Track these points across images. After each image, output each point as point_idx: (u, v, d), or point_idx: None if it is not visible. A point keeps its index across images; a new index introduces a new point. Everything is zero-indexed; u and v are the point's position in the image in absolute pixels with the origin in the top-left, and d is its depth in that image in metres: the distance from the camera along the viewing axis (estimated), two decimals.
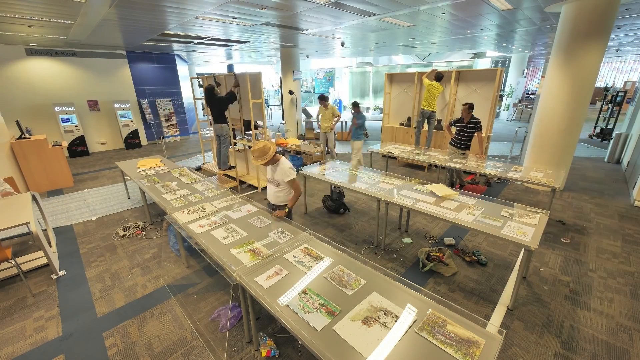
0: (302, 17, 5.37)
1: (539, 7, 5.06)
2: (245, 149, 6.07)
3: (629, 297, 2.82)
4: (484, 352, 1.44)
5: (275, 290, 1.89)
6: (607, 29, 4.41)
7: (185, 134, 11.12)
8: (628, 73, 17.81)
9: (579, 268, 3.25)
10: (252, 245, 2.42)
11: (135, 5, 4.33)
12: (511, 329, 2.48)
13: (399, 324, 1.61)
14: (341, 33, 7.23)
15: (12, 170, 5.33)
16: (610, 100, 9.26)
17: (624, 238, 3.82)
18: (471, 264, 3.34)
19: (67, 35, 6.30)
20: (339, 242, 3.83)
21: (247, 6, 4.53)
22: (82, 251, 3.78)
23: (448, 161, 4.80)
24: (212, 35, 7.01)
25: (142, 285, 3.11)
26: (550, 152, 5.09)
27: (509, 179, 4.10)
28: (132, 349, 2.35)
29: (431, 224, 4.28)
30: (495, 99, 5.83)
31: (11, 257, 2.89)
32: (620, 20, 6.27)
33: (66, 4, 4.12)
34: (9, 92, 7.62)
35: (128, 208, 5.01)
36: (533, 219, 2.78)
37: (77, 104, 8.61)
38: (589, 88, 4.72)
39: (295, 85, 10.09)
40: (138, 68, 9.69)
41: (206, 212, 3.03)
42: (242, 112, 5.67)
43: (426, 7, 4.88)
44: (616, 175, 6.11)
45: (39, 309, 2.81)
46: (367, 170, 4.46)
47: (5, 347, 2.41)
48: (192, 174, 4.34)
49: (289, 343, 2.36)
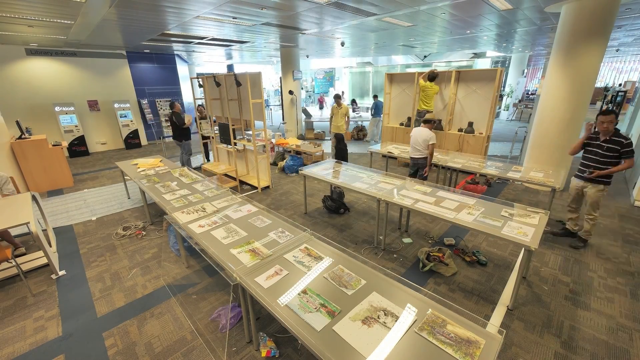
0: (302, 17, 5.37)
1: (539, 7, 5.06)
2: (245, 149, 6.07)
3: (629, 297, 2.82)
4: (484, 352, 1.44)
5: (275, 290, 1.89)
6: (607, 29, 4.40)
7: None
8: (628, 73, 17.81)
9: (579, 268, 3.25)
10: (252, 245, 2.42)
11: (135, 5, 4.34)
12: (511, 329, 2.48)
13: (399, 324, 1.61)
14: (341, 33, 7.23)
15: (12, 170, 5.33)
16: (610, 100, 9.27)
17: (624, 238, 3.82)
18: (471, 264, 3.34)
19: (67, 35, 6.30)
20: (339, 242, 3.83)
21: (247, 6, 4.53)
22: (82, 251, 3.78)
23: (448, 161, 4.80)
24: (212, 35, 7.01)
25: (142, 285, 3.11)
26: (550, 152, 5.09)
27: (509, 179, 4.10)
28: (132, 349, 2.35)
29: (431, 224, 4.28)
30: (495, 99, 5.83)
31: (11, 257, 2.89)
32: (620, 20, 6.28)
33: (66, 4, 4.12)
34: (9, 92, 7.62)
35: (128, 208, 5.01)
36: (533, 219, 2.78)
37: (77, 104, 8.61)
38: (589, 88, 4.72)
39: (295, 85, 10.10)
40: (138, 68, 9.69)
41: (206, 212, 3.03)
42: (242, 112, 5.67)
43: (426, 7, 4.88)
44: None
45: (39, 309, 2.81)
46: (367, 170, 4.46)
47: (5, 347, 2.41)
48: (192, 174, 4.34)
49: (289, 343, 2.35)
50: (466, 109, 6.31)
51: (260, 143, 5.79)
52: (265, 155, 5.63)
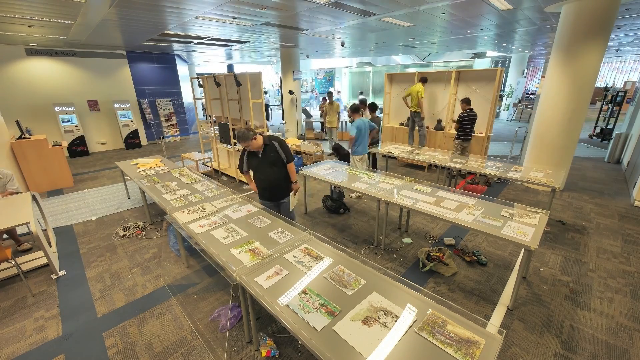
0: (302, 17, 5.37)
1: (539, 7, 5.06)
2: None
3: (629, 297, 2.82)
4: (484, 352, 1.44)
5: (275, 290, 1.89)
6: (607, 29, 4.40)
7: (185, 134, 11.12)
8: (628, 73, 17.81)
9: (579, 268, 3.25)
10: (252, 245, 2.41)
11: (135, 5, 4.33)
12: (511, 329, 2.48)
13: (399, 324, 1.61)
14: (341, 33, 7.23)
15: (12, 170, 5.32)
16: (610, 100, 9.26)
17: (624, 238, 3.82)
18: (471, 264, 3.34)
19: (67, 35, 6.30)
20: (339, 242, 3.83)
21: (247, 6, 4.53)
22: (82, 251, 3.78)
23: (448, 161, 4.80)
24: (212, 35, 7.01)
25: (142, 285, 3.11)
26: (550, 152, 5.09)
27: (509, 179, 4.10)
28: (132, 349, 2.35)
29: (431, 224, 4.28)
30: (495, 99, 5.83)
31: (11, 257, 2.89)
32: (620, 20, 6.28)
33: (66, 4, 4.12)
34: (9, 92, 7.62)
35: (128, 208, 5.01)
36: (533, 219, 2.78)
37: (77, 104, 8.61)
38: (589, 88, 4.72)
39: (295, 85, 10.10)
40: (138, 68, 9.68)
41: (206, 212, 3.03)
42: (242, 112, 5.67)
43: (426, 7, 4.88)
44: (616, 175, 6.11)
45: (39, 309, 2.81)
46: (367, 170, 4.46)
47: (5, 347, 2.41)
48: (192, 174, 4.33)
49: (289, 343, 2.35)
50: None
51: None
52: None
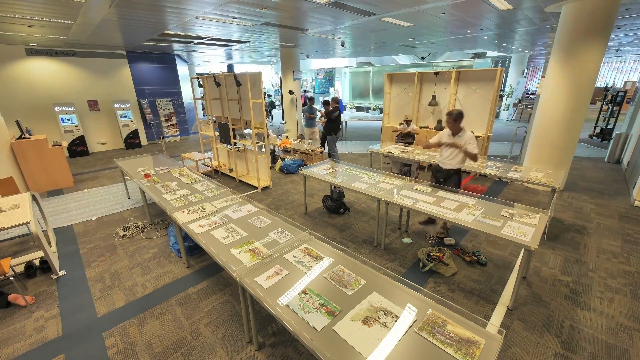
0: (302, 17, 5.37)
1: (539, 7, 5.06)
2: (245, 149, 6.07)
3: (629, 297, 2.81)
4: (484, 352, 1.44)
5: (275, 290, 1.89)
6: (607, 29, 4.40)
7: (186, 134, 11.13)
8: (628, 73, 17.81)
9: (579, 268, 3.25)
10: (252, 245, 2.42)
11: (135, 5, 4.33)
12: (511, 329, 2.48)
13: (399, 324, 1.61)
14: (341, 33, 7.23)
15: (12, 170, 5.32)
16: (610, 100, 9.26)
17: (624, 238, 3.82)
18: (471, 264, 3.34)
19: (67, 35, 6.30)
20: (339, 242, 3.83)
21: (247, 6, 4.53)
22: (82, 251, 3.78)
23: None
24: (212, 35, 7.01)
25: (142, 285, 3.11)
26: (550, 152, 5.09)
27: (509, 179, 4.09)
28: (132, 349, 2.35)
29: (431, 224, 4.28)
30: (495, 99, 5.83)
31: (9, 270, 2.76)
32: (620, 20, 6.27)
33: (66, 4, 4.12)
34: (9, 92, 7.61)
35: (128, 208, 5.01)
36: (533, 219, 2.78)
37: (77, 104, 8.60)
38: (589, 88, 4.71)
39: (296, 85, 10.10)
40: (138, 68, 9.68)
41: (206, 212, 3.03)
42: (242, 112, 5.67)
43: (426, 7, 4.88)
44: (616, 175, 6.11)
45: (39, 309, 2.81)
46: (367, 170, 4.46)
47: (5, 347, 2.41)
48: (192, 173, 4.34)
49: (289, 343, 2.36)
50: (466, 109, 6.30)
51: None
52: (265, 155, 5.63)
